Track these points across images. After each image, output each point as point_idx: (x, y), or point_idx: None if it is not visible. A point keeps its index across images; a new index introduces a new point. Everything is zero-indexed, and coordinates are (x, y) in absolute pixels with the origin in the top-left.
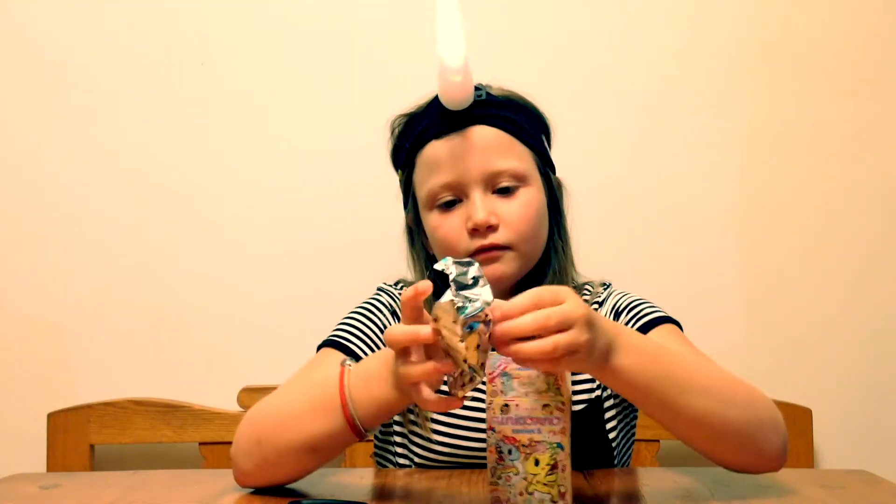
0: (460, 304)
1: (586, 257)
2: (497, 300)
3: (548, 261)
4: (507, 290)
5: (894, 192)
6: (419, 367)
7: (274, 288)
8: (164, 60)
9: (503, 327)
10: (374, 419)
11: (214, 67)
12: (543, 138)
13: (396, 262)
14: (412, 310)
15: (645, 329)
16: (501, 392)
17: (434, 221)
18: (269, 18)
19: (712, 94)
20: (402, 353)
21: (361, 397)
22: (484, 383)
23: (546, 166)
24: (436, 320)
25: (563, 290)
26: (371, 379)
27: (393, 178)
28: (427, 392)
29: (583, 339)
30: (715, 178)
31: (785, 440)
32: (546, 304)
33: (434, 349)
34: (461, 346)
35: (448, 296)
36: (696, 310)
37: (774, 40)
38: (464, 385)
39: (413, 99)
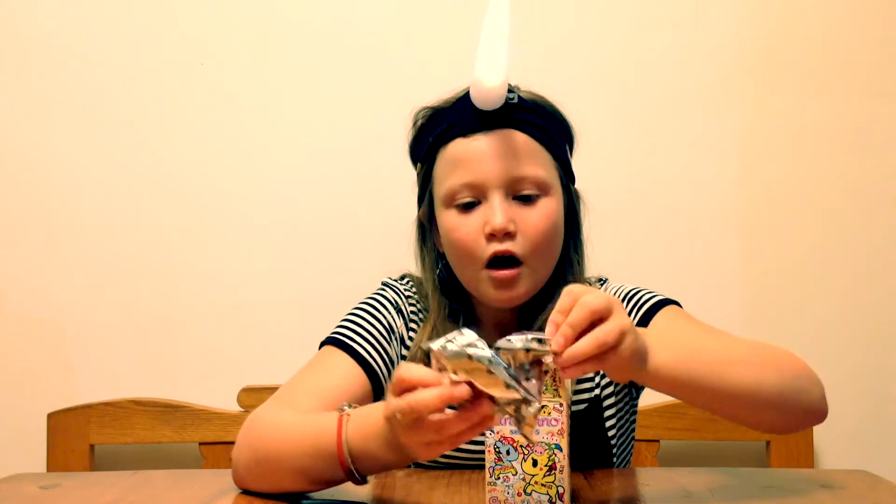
0: (485, 356)
1: (586, 257)
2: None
3: (561, 274)
4: (515, 309)
5: (894, 192)
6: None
7: (274, 288)
8: (164, 60)
9: (563, 336)
10: (373, 472)
11: (214, 67)
12: (567, 148)
13: (397, 260)
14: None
15: (648, 314)
16: None
17: (451, 222)
18: (269, 18)
19: (712, 94)
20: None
21: (362, 456)
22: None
23: (567, 178)
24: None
25: (575, 290)
26: (372, 438)
27: (393, 176)
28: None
29: (624, 318)
30: (715, 178)
31: (821, 387)
32: (566, 309)
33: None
34: (504, 389)
35: (466, 350)
36: (696, 310)
37: (774, 40)
38: (533, 415)
39: (414, 98)
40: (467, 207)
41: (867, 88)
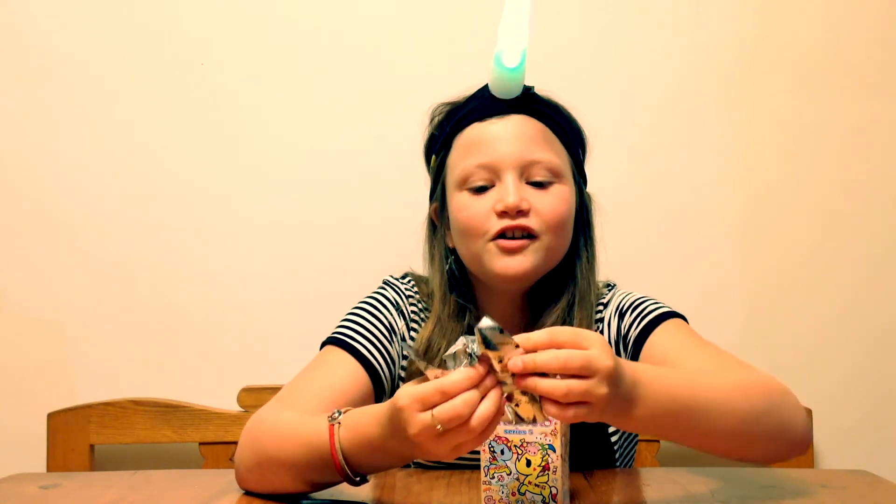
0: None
1: (598, 260)
2: (523, 335)
3: (571, 270)
4: (521, 291)
5: (894, 192)
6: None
7: (274, 288)
8: (164, 60)
9: (525, 359)
10: (370, 473)
11: (214, 67)
12: (580, 152)
13: (397, 259)
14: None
15: (651, 326)
16: None
17: (462, 202)
18: (270, 18)
19: (712, 94)
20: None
21: (357, 461)
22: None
23: (579, 176)
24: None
25: (589, 336)
26: (366, 445)
27: (393, 176)
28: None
29: (600, 392)
30: (715, 178)
31: (805, 416)
32: (563, 342)
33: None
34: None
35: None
36: (696, 310)
37: (774, 40)
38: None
39: (414, 98)
40: (480, 191)
41: (867, 88)
